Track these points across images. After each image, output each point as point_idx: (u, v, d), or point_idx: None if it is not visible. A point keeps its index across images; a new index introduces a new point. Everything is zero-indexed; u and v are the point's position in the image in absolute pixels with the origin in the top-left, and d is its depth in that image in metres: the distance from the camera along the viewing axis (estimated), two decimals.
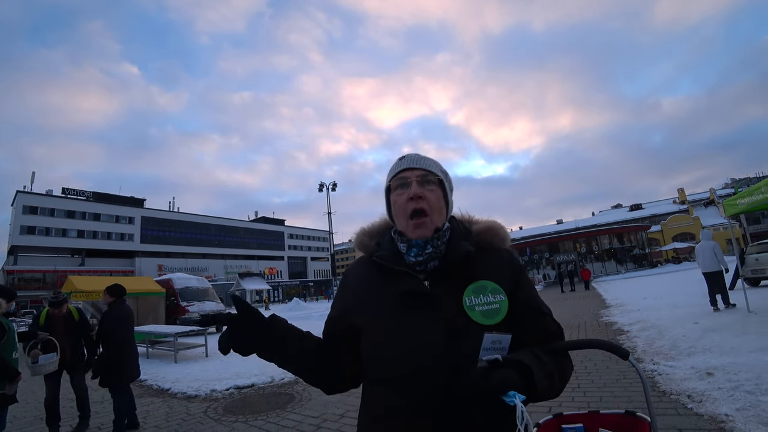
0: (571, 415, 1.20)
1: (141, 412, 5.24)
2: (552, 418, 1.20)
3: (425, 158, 1.10)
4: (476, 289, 0.93)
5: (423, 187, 1.04)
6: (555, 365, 0.93)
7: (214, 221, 70.85)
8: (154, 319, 14.51)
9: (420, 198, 1.02)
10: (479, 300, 0.92)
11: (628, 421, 1.12)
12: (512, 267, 1.05)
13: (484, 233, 1.09)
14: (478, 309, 0.91)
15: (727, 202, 8.25)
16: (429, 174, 1.06)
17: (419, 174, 1.05)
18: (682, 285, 16.15)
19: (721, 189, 62.45)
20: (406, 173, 1.06)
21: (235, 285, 42.85)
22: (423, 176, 1.05)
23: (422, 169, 1.06)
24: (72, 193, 55.49)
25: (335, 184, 32.13)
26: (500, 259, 1.05)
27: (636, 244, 43.29)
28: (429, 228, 1.02)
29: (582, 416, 1.18)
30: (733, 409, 3.47)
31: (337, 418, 4.43)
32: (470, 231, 1.10)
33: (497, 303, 0.92)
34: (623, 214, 68.77)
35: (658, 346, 6.26)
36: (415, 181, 1.04)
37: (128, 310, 4.77)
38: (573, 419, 1.18)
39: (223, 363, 8.01)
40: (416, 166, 1.07)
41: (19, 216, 49.43)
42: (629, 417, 1.12)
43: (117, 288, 4.69)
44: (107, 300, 4.70)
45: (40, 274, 48.44)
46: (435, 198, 1.04)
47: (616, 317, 10.24)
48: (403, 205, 1.04)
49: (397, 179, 1.08)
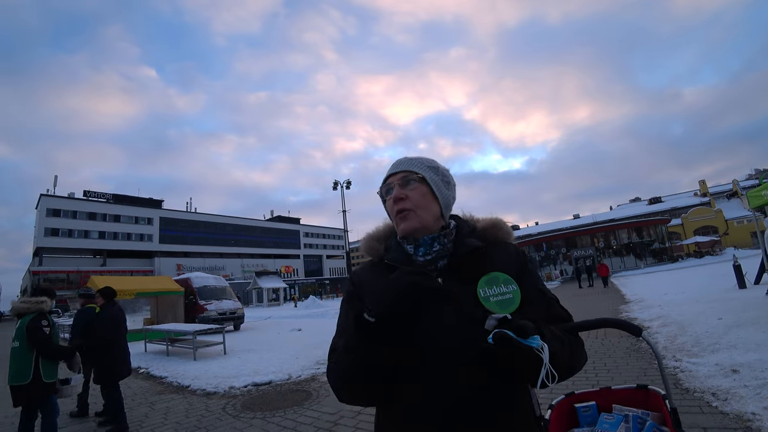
0: (583, 393, 1.19)
1: (162, 409, 5.36)
2: (564, 398, 1.20)
3: (408, 160, 1.16)
4: (489, 281, 0.94)
5: (404, 188, 1.09)
6: (565, 336, 0.95)
7: (230, 221, 71.80)
8: (174, 317, 14.80)
9: (401, 199, 1.08)
10: (493, 291, 0.93)
11: (641, 395, 1.12)
12: (517, 257, 1.09)
13: (489, 228, 1.15)
14: (493, 299, 0.92)
15: (751, 193, 8.01)
16: (410, 174, 1.11)
17: (400, 177, 1.11)
18: (705, 280, 15.75)
19: (745, 180, 60.42)
20: (390, 179, 1.13)
21: (252, 283, 43.41)
22: (404, 178, 1.11)
23: (403, 171, 1.12)
24: (93, 196, 56.90)
25: (349, 182, 32.14)
26: (506, 252, 1.10)
27: (655, 239, 42.31)
28: (413, 220, 1.07)
29: (594, 393, 1.18)
30: (760, 408, 3.37)
31: (354, 415, 4.45)
32: (475, 228, 1.15)
33: (510, 293, 0.93)
34: (642, 208, 67.29)
35: (680, 342, 6.11)
36: (397, 185, 1.10)
37: (119, 311, 5.06)
38: (585, 397, 1.18)
39: (241, 360, 8.13)
40: (398, 170, 1.13)
41: (43, 219, 50.94)
42: (641, 390, 1.12)
43: (108, 290, 5.03)
44: (99, 302, 5.01)
45: (64, 275, 49.84)
46: (417, 195, 1.09)
47: (635, 313, 10.05)
48: (391, 209, 1.11)
49: (384, 186, 1.15)
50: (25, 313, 3.83)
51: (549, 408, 1.17)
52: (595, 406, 1.14)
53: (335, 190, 32.03)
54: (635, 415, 1.04)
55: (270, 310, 32.31)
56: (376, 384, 0.96)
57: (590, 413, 1.14)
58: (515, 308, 0.92)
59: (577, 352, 0.98)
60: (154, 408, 5.46)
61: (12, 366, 3.68)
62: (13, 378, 3.65)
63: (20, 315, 3.84)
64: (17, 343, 3.71)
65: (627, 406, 1.09)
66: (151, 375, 7.77)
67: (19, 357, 3.68)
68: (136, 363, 9.04)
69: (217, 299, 16.58)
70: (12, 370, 3.67)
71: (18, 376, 3.64)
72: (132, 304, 16.40)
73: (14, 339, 3.74)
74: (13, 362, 3.68)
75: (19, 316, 3.85)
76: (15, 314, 3.90)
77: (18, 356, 3.68)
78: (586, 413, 1.14)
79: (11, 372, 3.67)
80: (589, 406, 1.15)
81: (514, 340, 0.80)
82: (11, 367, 3.68)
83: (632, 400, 1.12)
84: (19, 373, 3.64)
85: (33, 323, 3.75)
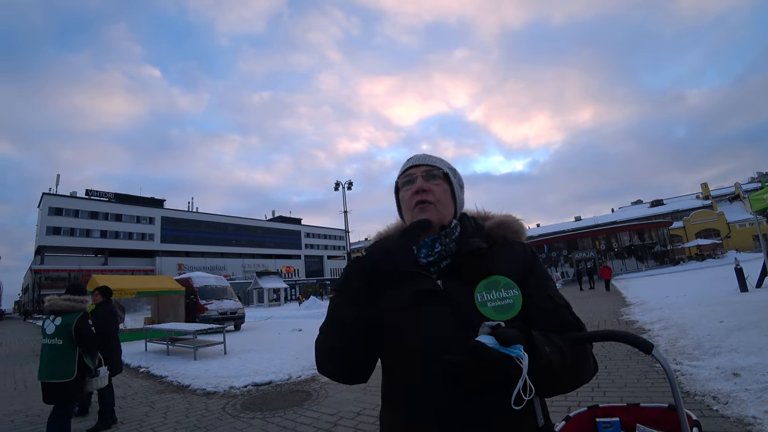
0: (608, 407, 1.12)
1: (162, 408, 5.36)
2: (586, 410, 1.13)
3: (431, 156, 1.15)
4: (488, 285, 0.91)
5: (428, 181, 1.07)
6: (567, 345, 0.88)
7: (232, 221, 71.80)
8: (174, 316, 14.81)
9: (424, 191, 1.06)
10: (491, 296, 0.90)
11: (671, 417, 1.00)
12: (524, 257, 1.03)
13: (497, 227, 1.10)
14: (491, 305, 0.89)
15: (754, 196, 7.99)
16: (434, 169, 1.10)
17: (424, 170, 1.09)
18: (707, 283, 15.69)
19: (747, 183, 60.12)
20: (412, 170, 1.11)
21: (252, 283, 43.41)
22: (428, 171, 1.09)
23: (427, 165, 1.11)
24: (95, 195, 56.97)
25: (351, 183, 32.12)
26: (512, 252, 1.03)
27: (657, 241, 42.20)
28: (433, 213, 1.04)
29: (619, 409, 1.09)
30: (761, 412, 3.35)
31: (353, 416, 4.44)
32: (482, 227, 1.10)
33: (510, 298, 0.89)
34: (644, 210, 67.07)
35: (681, 345, 6.09)
36: (420, 176, 1.08)
37: (114, 309, 5.21)
38: (610, 412, 1.10)
39: (241, 360, 8.13)
40: (421, 163, 1.12)
41: (45, 217, 51.01)
42: (672, 412, 1.00)
43: (106, 289, 5.21)
44: (97, 299, 5.13)
45: (65, 273, 49.87)
46: (440, 191, 1.07)
47: (636, 315, 10.01)
48: (409, 200, 1.08)
49: (404, 177, 1.13)
50: (70, 311, 3.88)
51: (564, 419, 1.10)
52: (619, 423, 1.06)
53: (336, 190, 32.06)
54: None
55: (271, 310, 32.32)
56: (349, 344, 1.00)
57: (612, 429, 1.06)
58: (515, 314, 0.89)
59: (582, 364, 0.91)
60: (154, 407, 5.46)
61: (50, 363, 3.74)
62: (53, 374, 3.71)
63: (61, 312, 3.86)
64: (59, 340, 3.75)
65: (654, 428, 1.00)
66: (152, 374, 7.77)
67: (61, 354, 3.74)
68: (136, 362, 9.09)
69: (217, 299, 16.59)
70: (50, 367, 3.73)
71: (60, 373, 3.71)
72: (133, 304, 16.44)
73: (52, 336, 3.77)
74: (53, 359, 3.74)
75: (59, 313, 3.87)
76: (53, 311, 3.89)
77: (60, 354, 3.75)
78: (608, 429, 1.06)
79: (50, 369, 3.72)
80: (611, 422, 1.07)
81: (490, 351, 0.73)
82: (49, 364, 3.74)
83: (662, 421, 1.02)
84: (61, 371, 3.71)
85: (82, 322, 3.85)
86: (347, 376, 1.04)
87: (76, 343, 3.80)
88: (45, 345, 3.81)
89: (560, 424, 1.08)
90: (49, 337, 3.78)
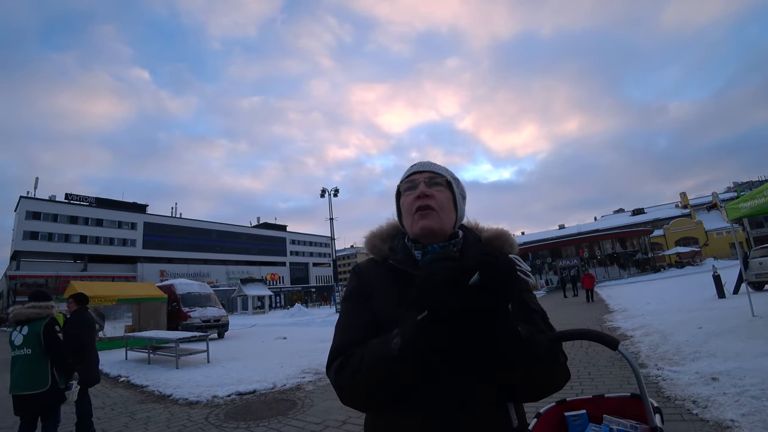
0: (575, 401, 1.16)
1: (142, 418, 5.23)
2: (554, 405, 1.16)
3: (435, 164, 1.15)
4: None
5: (430, 187, 1.07)
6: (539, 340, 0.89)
7: (216, 227, 70.84)
8: (156, 324, 14.49)
9: (427, 196, 1.05)
10: None
11: (634, 405, 1.07)
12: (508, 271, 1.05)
13: (495, 240, 1.11)
14: None
15: (730, 205, 8.22)
16: (437, 176, 1.10)
17: (427, 176, 1.09)
18: (686, 290, 16.07)
19: (724, 193, 62.05)
20: (415, 176, 1.11)
21: (237, 290, 42.83)
22: (431, 178, 1.09)
23: (430, 171, 1.11)
24: (75, 199, 55.60)
25: (337, 190, 32.07)
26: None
27: (639, 249, 43.12)
28: (434, 219, 1.04)
29: (585, 401, 1.14)
30: (738, 415, 3.44)
31: (339, 425, 4.41)
32: (480, 238, 1.12)
33: None
34: (626, 219, 68.50)
35: (662, 351, 6.22)
36: (423, 182, 1.07)
37: (90, 318, 5.00)
38: (576, 405, 1.14)
39: (224, 369, 7.99)
40: (425, 170, 1.12)
41: (22, 221, 49.53)
42: (635, 400, 1.07)
43: (81, 296, 4.98)
44: (71, 307, 4.92)
45: (42, 280, 48.44)
46: (442, 197, 1.07)
47: (619, 322, 10.21)
48: (410, 205, 1.07)
49: (406, 182, 1.12)
50: (36, 318, 3.72)
51: (535, 417, 1.13)
52: (586, 415, 1.11)
53: (323, 197, 31.97)
54: (621, 429, 1.01)
55: (255, 318, 31.88)
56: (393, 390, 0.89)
57: (580, 422, 1.10)
58: None
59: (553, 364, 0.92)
60: (135, 418, 5.32)
61: (22, 374, 3.59)
62: (26, 386, 3.56)
63: (27, 321, 3.71)
64: (28, 350, 3.61)
65: (619, 417, 1.05)
66: (132, 384, 7.57)
67: (32, 364, 3.60)
68: (116, 371, 8.86)
69: (201, 306, 16.29)
70: (23, 378, 3.58)
71: (33, 384, 3.56)
72: (113, 311, 16.05)
73: (21, 346, 3.62)
74: (25, 370, 3.59)
75: (24, 322, 3.71)
76: (19, 321, 3.73)
77: (31, 363, 3.60)
78: (576, 422, 1.11)
79: (23, 380, 3.58)
80: (579, 415, 1.11)
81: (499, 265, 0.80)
82: (21, 375, 3.59)
83: (625, 409, 1.08)
84: (35, 381, 3.57)
85: (49, 328, 3.69)
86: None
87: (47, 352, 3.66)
88: (15, 357, 3.65)
89: (532, 422, 1.11)
90: (18, 347, 3.63)
